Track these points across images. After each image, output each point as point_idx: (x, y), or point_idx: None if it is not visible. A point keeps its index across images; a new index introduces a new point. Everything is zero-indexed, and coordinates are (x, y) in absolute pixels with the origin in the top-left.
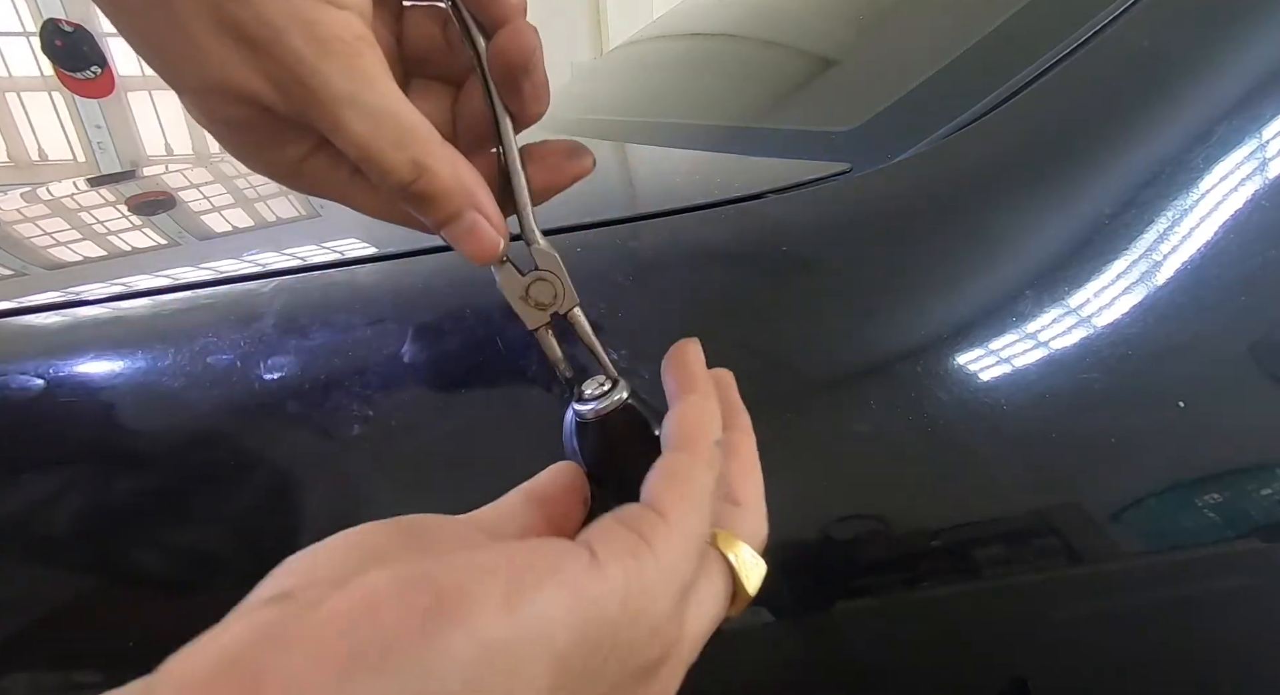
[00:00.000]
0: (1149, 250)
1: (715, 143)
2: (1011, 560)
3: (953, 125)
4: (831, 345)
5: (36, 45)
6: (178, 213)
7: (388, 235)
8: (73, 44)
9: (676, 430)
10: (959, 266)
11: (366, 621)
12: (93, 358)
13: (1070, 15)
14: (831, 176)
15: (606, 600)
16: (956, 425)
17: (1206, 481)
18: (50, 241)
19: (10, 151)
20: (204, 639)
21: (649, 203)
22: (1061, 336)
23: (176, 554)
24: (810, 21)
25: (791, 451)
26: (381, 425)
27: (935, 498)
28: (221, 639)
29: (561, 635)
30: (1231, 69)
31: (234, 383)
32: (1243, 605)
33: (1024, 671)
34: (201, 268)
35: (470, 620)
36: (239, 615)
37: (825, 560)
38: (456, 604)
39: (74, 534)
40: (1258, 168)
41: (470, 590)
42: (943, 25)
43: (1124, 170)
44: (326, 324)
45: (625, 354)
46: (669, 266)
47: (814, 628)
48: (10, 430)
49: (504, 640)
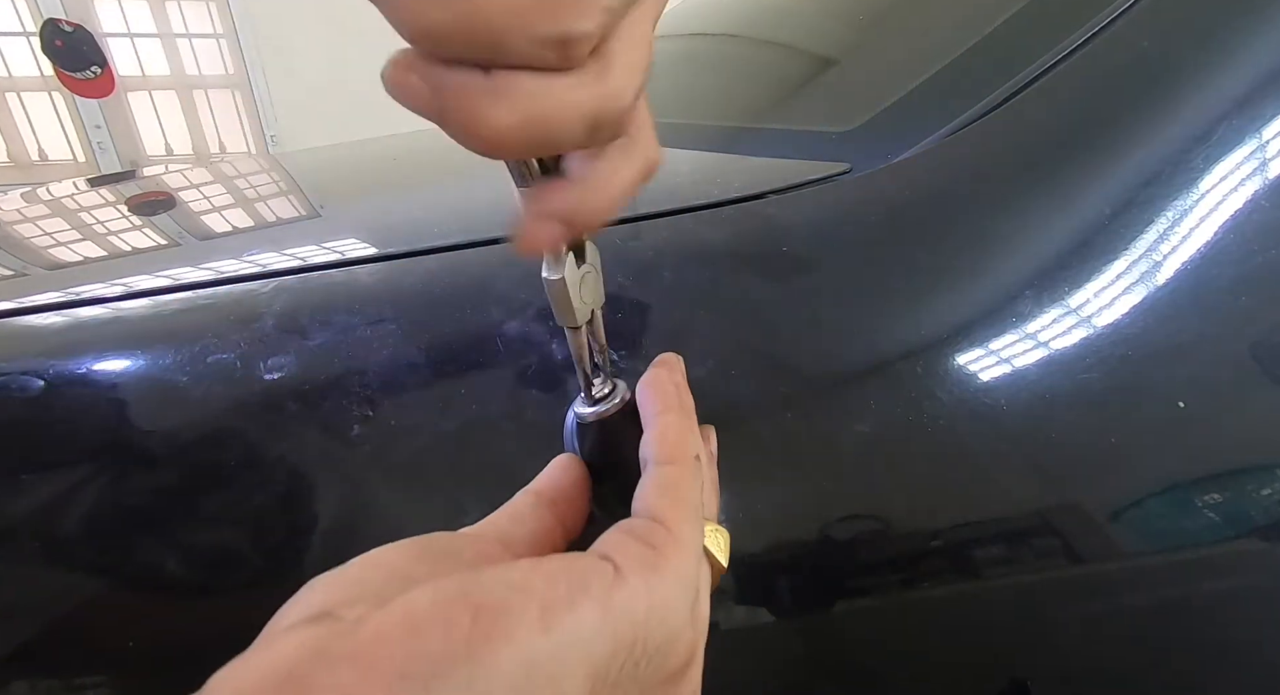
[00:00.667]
0: (1149, 250)
1: (715, 143)
2: (1011, 560)
3: (953, 125)
4: (831, 345)
5: (36, 45)
6: (178, 213)
7: (388, 235)
8: (73, 44)
9: (661, 445)
10: (959, 266)
11: (412, 640)
12: (93, 358)
13: (1070, 15)
14: (831, 176)
15: (634, 611)
16: (956, 425)
17: (1206, 481)
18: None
19: (10, 151)
20: (249, 655)
21: (649, 203)
22: (1061, 336)
23: (175, 554)
24: (810, 21)
25: (791, 451)
26: (381, 425)
27: (935, 498)
28: (269, 655)
29: (597, 646)
30: (1231, 69)
31: (234, 383)
32: (1243, 605)
33: (1024, 672)
34: (201, 268)
35: (511, 636)
36: (282, 633)
37: (825, 560)
38: (495, 621)
39: (74, 534)
40: (1258, 168)
41: (507, 607)
42: (942, 25)
43: (1124, 170)
44: (326, 324)
45: (625, 354)
46: (669, 266)
47: (814, 628)
48: (10, 430)
49: (544, 654)
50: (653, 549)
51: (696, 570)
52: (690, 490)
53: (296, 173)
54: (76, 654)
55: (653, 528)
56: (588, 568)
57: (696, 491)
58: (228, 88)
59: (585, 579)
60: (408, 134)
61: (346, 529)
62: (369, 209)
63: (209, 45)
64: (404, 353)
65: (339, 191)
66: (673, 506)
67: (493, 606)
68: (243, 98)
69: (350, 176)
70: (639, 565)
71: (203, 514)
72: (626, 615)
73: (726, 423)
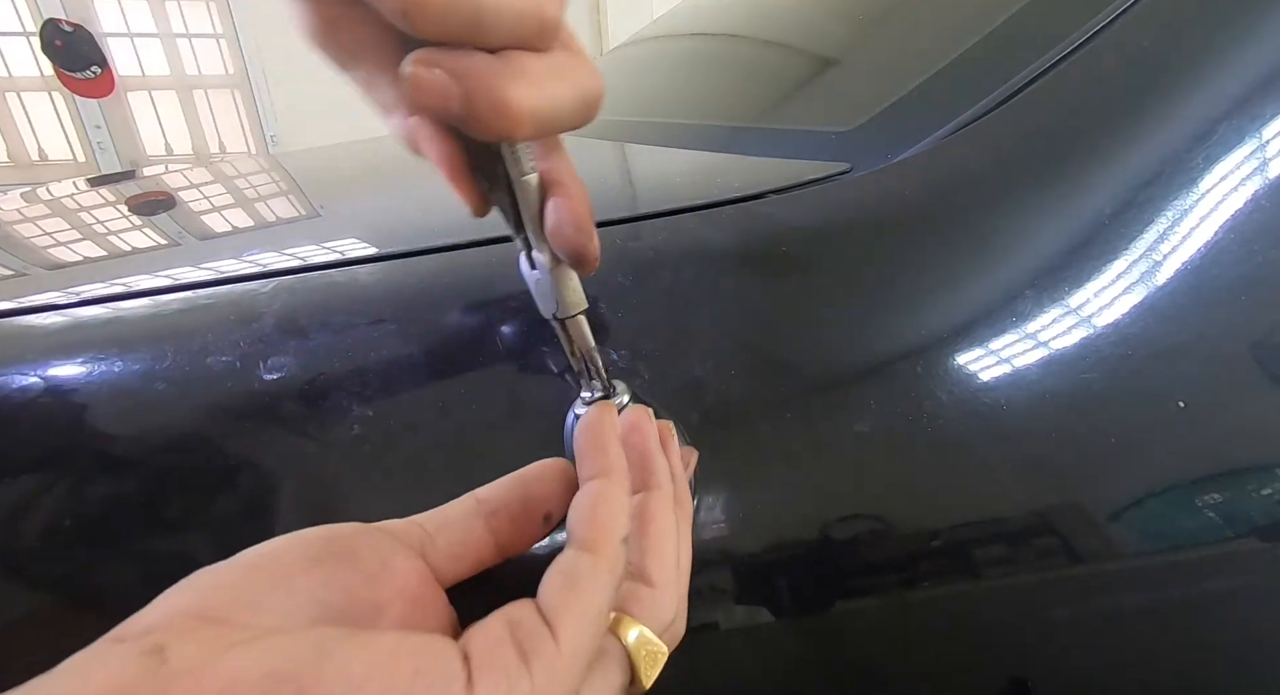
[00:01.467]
0: (1149, 250)
1: (715, 143)
2: (1011, 560)
3: (953, 125)
4: (831, 345)
5: (36, 45)
6: (178, 213)
7: (388, 235)
8: (73, 44)
9: (582, 524)
10: (959, 266)
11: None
12: (93, 358)
13: (1070, 15)
14: (831, 176)
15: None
16: (956, 425)
17: (1206, 481)
18: (50, 241)
19: (10, 151)
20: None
21: (649, 203)
22: (1061, 336)
23: (175, 555)
24: (810, 21)
25: (791, 451)
26: (381, 425)
27: (935, 498)
28: (75, 683)
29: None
30: (1231, 69)
31: (234, 383)
32: (1243, 605)
33: (1024, 671)
34: (201, 268)
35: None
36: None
37: (825, 560)
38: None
39: (74, 534)
40: (1258, 168)
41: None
42: (942, 25)
43: (1124, 170)
44: (326, 324)
45: (625, 354)
46: (669, 266)
47: (814, 628)
48: (10, 430)
49: None
50: (522, 658)
51: (567, 687)
52: (599, 590)
53: (296, 173)
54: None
55: (535, 629)
56: (438, 673)
57: (608, 587)
58: (228, 88)
59: (428, 688)
60: None
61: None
62: (369, 209)
63: (209, 45)
64: (404, 353)
65: (339, 191)
66: (570, 607)
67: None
68: (243, 98)
69: (350, 176)
70: (498, 677)
71: (202, 514)
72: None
73: (726, 423)
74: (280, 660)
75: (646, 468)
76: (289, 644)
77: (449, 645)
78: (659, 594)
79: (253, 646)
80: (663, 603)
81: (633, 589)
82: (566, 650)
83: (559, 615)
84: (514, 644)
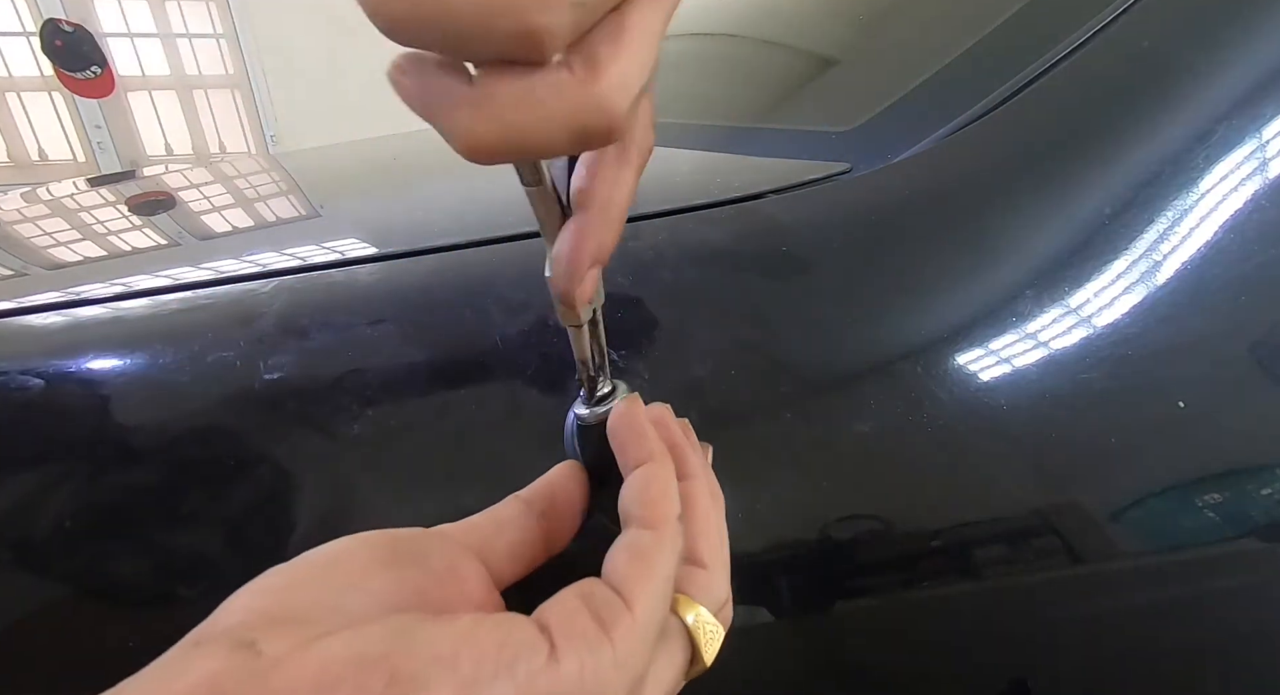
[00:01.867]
0: (1149, 250)
1: (715, 143)
2: (1011, 560)
3: (953, 125)
4: (831, 345)
5: (36, 45)
6: (178, 213)
7: (388, 235)
8: (73, 44)
9: (639, 505)
10: (959, 266)
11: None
12: (93, 358)
13: (1070, 15)
14: (831, 176)
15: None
16: (956, 425)
17: (1206, 481)
18: (50, 241)
19: (10, 151)
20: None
21: (649, 203)
22: (1061, 336)
23: (174, 555)
24: (810, 21)
25: (791, 451)
26: (381, 425)
27: (935, 498)
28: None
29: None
30: (1231, 69)
31: (234, 383)
32: (1243, 605)
33: (1024, 671)
34: (201, 268)
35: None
36: (199, 653)
37: (825, 560)
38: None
39: (75, 534)
40: (1258, 168)
41: (425, 681)
42: (942, 25)
43: (1124, 170)
44: (326, 324)
45: (625, 354)
46: (669, 266)
47: (814, 628)
48: (10, 431)
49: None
50: (600, 626)
51: (645, 654)
52: (664, 563)
53: (296, 173)
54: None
55: (610, 601)
56: (523, 643)
57: (671, 561)
58: (228, 88)
59: (515, 658)
60: (408, 134)
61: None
62: (369, 209)
63: (209, 45)
64: (403, 353)
65: (339, 191)
66: (641, 579)
67: (410, 677)
68: (243, 98)
69: (350, 176)
70: (579, 644)
71: (202, 514)
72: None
73: (726, 423)
74: (369, 645)
75: (679, 458)
76: (374, 630)
77: (525, 620)
78: (712, 575)
79: (339, 635)
80: (717, 583)
81: (687, 571)
82: (641, 619)
83: (631, 586)
84: (590, 613)
